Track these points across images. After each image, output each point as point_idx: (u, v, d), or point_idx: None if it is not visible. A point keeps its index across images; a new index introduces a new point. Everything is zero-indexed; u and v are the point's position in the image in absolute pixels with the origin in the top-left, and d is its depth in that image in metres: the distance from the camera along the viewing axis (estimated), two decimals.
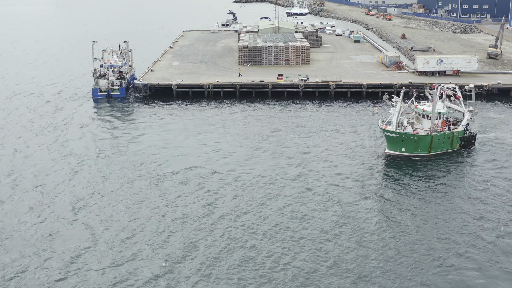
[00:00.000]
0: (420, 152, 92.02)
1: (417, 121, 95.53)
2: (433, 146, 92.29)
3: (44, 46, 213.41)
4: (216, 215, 71.17)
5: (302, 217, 70.74)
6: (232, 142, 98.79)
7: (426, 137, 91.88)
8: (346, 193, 77.75)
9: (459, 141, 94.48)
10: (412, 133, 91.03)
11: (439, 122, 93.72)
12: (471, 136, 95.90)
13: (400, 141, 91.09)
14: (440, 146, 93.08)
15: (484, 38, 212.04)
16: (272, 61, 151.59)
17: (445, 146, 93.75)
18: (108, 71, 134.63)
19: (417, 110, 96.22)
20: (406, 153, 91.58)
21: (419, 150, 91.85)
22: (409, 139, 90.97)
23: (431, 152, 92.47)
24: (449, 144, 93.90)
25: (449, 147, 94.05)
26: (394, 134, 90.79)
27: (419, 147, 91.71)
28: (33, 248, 63.61)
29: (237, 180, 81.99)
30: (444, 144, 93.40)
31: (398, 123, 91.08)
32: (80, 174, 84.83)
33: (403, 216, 71.34)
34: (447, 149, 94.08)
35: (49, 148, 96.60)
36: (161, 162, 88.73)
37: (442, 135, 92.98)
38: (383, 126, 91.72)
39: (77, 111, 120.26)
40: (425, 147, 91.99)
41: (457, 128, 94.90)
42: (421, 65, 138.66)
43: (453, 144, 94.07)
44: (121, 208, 73.52)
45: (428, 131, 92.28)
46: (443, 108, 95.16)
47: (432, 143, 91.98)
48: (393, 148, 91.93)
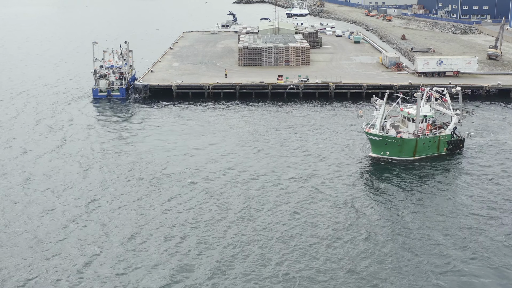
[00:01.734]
0: (405, 156, 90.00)
1: (402, 124, 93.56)
2: (418, 150, 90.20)
3: (46, 46, 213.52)
4: (215, 217, 71.23)
5: (286, 219, 70.09)
6: (232, 143, 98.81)
7: (411, 140, 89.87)
8: (320, 196, 76.61)
9: (446, 145, 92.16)
10: (396, 137, 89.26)
11: (424, 126, 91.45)
12: (459, 140, 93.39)
13: (383, 145, 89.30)
14: (425, 150, 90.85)
15: (484, 39, 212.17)
16: (272, 62, 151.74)
17: (431, 150, 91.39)
18: (109, 71, 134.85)
19: (402, 113, 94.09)
20: (390, 156, 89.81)
21: (404, 154, 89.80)
22: (393, 143, 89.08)
23: (416, 156, 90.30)
24: (436, 148, 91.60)
25: (435, 151, 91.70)
26: (377, 137, 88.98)
27: (403, 150, 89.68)
28: (37, 252, 63.61)
29: (234, 181, 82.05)
30: (430, 148, 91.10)
31: (381, 126, 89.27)
32: (79, 175, 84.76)
33: (378, 221, 70.04)
34: (434, 153, 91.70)
35: (48, 149, 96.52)
36: (162, 164, 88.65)
37: (427, 138, 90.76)
38: (366, 129, 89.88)
39: (77, 111, 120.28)
40: (409, 150, 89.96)
41: (443, 131, 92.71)
42: (421, 66, 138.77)
43: (440, 148, 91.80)
44: (122, 211, 73.31)
45: (413, 135, 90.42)
46: (430, 111, 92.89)
47: (417, 146, 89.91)
48: (377, 152, 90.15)
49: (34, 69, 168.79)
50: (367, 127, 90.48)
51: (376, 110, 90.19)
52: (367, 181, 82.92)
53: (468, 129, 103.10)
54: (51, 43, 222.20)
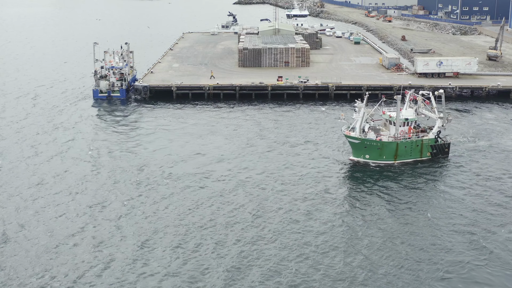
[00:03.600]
0: (385, 159, 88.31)
1: (385, 127, 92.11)
2: (400, 154, 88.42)
3: (47, 47, 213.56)
4: (214, 220, 71.34)
5: (262, 222, 69.99)
6: (231, 144, 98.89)
7: (391, 144, 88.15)
8: (296, 199, 76.27)
9: (430, 150, 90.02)
10: (374, 140, 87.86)
11: (406, 129, 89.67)
12: (444, 145, 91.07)
13: (363, 148, 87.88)
14: (407, 154, 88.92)
15: (484, 40, 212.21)
16: (272, 63, 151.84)
17: (414, 154, 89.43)
18: (109, 72, 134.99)
19: (384, 116, 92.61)
20: (370, 160, 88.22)
21: (384, 158, 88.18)
22: (372, 146, 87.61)
23: (397, 160, 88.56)
24: (418, 152, 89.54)
25: (418, 156, 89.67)
26: (356, 140, 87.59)
27: (383, 154, 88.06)
28: (49, 256, 63.66)
29: (232, 184, 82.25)
30: (412, 152, 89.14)
31: (361, 129, 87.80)
32: (79, 178, 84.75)
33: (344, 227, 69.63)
34: (416, 157, 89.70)
35: (47, 150, 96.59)
36: (162, 166, 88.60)
37: (409, 142, 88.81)
38: (346, 132, 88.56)
39: (77, 112, 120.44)
40: (390, 154, 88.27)
41: (426, 135, 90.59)
42: (421, 67, 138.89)
43: (423, 152, 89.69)
44: (126, 215, 73.33)
45: (393, 138, 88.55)
46: (413, 114, 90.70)
47: (398, 150, 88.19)
48: (357, 155, 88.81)
49: (35, 70, 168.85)
50: (347, 130, 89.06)
51: (356, 113, 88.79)
52: (342, 185, 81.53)
53: (467, 132, 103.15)
54: (52, 44, 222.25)
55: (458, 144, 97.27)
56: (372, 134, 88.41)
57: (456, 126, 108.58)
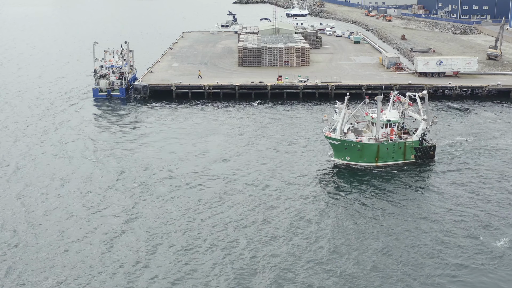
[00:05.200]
0: (366, 161, 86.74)
1: (368, 129, 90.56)
2: (381, 156, 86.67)
3: (47, 46, 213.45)
4: (210, 221, 71.36)
5: (242, 226, 69.55)
6: (231, 144, 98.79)
7: (371, 145, 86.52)
8: (272, 202, 75.64)
9: (413, 152, 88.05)
10: (354, 141, 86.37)
11: (388, 131, 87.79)
12: (429, 147, 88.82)
13: (343, 149, 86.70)
14: (389, 156, 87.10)
15: (484, 39, 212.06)
16: (272, 62, 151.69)
17: (396, 157, 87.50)
18: (109, 71, 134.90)
19: (367, 118, 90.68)
20: (351, 161, 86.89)
21: (365, 159, 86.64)
22: (352, 147, 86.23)
23: (379, 162, 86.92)
24: (401, 155, 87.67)
25: (401, 158, 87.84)
26: (336, 141, 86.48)
27: (364, 156, 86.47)
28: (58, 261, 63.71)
29: (227, 184, 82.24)
30: (394, 154, 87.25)
31: (342, 130, 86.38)
32: (79, 178, 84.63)
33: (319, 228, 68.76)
34: (399, 160, 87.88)
35: (46, 150, 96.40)
36: (162, 166, 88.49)
37: (390, 144, 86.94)
38: (327, 133, 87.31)
39: (77, 111, 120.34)
40: (371, 156, 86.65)
41: (410, 137, 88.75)
42: (421, 66, 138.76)
43: (406, 155, 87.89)
44: (129, 214, 73.34)
45: (374, 139, 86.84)
46: (396, 116, 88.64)
47: (379, 152, 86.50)
48: (338, 156, 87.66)
49: (36, 69, 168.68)
50: (328, 131, 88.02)
51: (336, 114, 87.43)
52: (320, 186, 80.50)
53: (464, 133, 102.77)
54: (53, 43, 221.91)
55: (452, 146, 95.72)
56: (352, 135, 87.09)
57: (456, 126, 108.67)
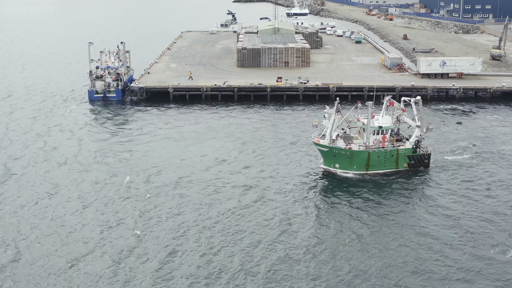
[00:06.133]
0: (356, 169, 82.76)
1: (359, 135, 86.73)
2: (372, 164, 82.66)
3: (43, 46, 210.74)
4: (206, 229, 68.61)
5: (226, 230, 67.52)
6: (229, 149, 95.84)
7: (362, 153, 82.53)
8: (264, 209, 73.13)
9: (407, 160, 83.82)
10: (343, 148, 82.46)
11: (380, 137, 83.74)
12: (423, 155, 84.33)
13: (332, 156, 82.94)
14: (381, 164, 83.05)
15: (487, 38, 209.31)
16: (272, 63, 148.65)
17: (389, 165, 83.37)
18: (105, 72, 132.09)
19: (358, 124, 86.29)
20: (340, 169, 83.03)
21: (355, 167, 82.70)
22: (341, 155, 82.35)
23: (370, 171, 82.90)
24: (394, 163, 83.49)
25: (393, 166, 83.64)
26: (325, 148, 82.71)
27: (354, 163, 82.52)
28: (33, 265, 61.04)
29: (221, 190, 79.42)
30: (386, 162, 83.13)
31: (331, 136, 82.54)
32: (74, 183, 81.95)
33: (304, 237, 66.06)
34: (392, 168, 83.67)
35: (41, 153, 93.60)
36: (158, 171, 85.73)
37: (382, 152, 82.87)
38: (315, 140, 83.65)
39: (72, 114, 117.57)
40: (361, 164, 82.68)
41: (403, 145, 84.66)
42: (424, 67, 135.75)
43: (399, 163, 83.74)
44: (118, 219, 70.74)
45: (364, 147, 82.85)
46: (389, 122, 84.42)
47: (370, 160, 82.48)
48: (328, 164, 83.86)
49: (35, 69, 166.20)
50: (317, 137, 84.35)
51: (325, 120, 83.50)
52: (307, 196, 76.90)
53: (467, 138, 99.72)
54: (52, 44, 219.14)
55: (453, 152, 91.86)
56: (341, 142, 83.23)
57: (460, 130, 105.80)
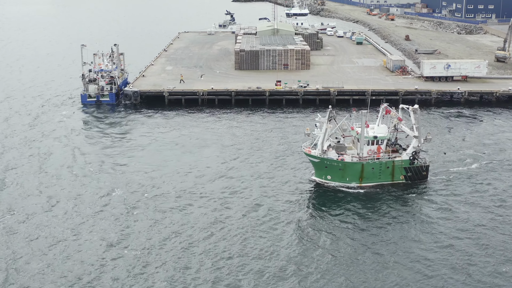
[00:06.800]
0: (349, 181, 78.15)
1: (353, 145, 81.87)
2: (366, 176, 77.95)
3: (38, 47, 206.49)
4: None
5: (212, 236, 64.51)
6: (224, 159, 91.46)
7: (355, 164, 77.72)
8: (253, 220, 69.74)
9: (403, 172, 79.12)
10: (335, 159, 77.62)
11: (375, 148, 78.82)
12: (421, 167, 79.48)
13: (323, 168, 78.39)
14: (375, 176, 78.37)
15: (491, 39, 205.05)
16: (270, 65, 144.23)
17: (384, 177, 78.60)
18: (98, 75, 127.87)
19: (352, 133, 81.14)
20: (332, 181, 78.51)
21: (347, 179, 78.10)
22: (333, 166, 77.66)
23: (363, 183, 78.25)
24: (389, 175, 78.68)
25: (389, 179, 78.82)
26: (316, 159, 78.11)
27: (346, 175, 77.89)
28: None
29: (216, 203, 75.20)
30: (381, 174, 78.37)
31: (322, 146, 77.86)
32: (64, 192, 77.82)
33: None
34: (387, 180, 78.84)
35: (32, 160, 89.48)
36: (150, 183, 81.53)
37: (376, 163, 78.03)
38: (306, 150, 79.00)
39: (64, 119, 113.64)
40: (354, 176, 78.03)
41: (399, 156, 79.63)
42: (428, 70, 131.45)
43: (395, 175, 78.86)
44: (107, 232, 66.64)
45: (358, 158, 78.03)
46: (386, 131, 79.59)
47: (364, 172, 77.79)
48: (319, 175, 79.40)
49: (28, 71, 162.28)
50: (308, 147, 79.59)
51: (317, 129, 78.69)
52: (297, 209, 72.61)
53: (471, 146, 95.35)
54: (47, 45, 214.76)
55: (456, 162, 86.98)
56: (333, 153, 78.43)
57: (466, 137, 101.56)
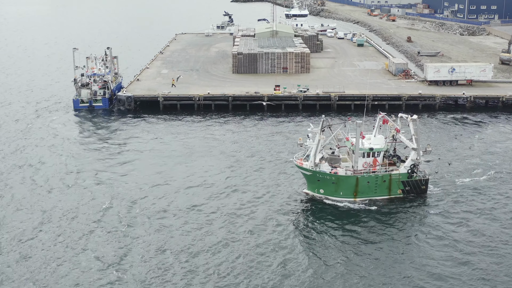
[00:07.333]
0: (343, 196, 73.71)
1: (349, 156, 77.41)
2: (360, 190, 73.58)
3: (28, 51, 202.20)
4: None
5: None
6: (219, 169, 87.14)
7: (349, 178, 73.32)
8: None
9: (401, 186, 74.71)
10: (328, 173, 73.11)
11: (370, 160, 74.05)
12: (420, 181, 75.00)
13: (316, 181, 74.11)
14: (371, 190, 73.94)
15: (494, 41, 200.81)
16: (269, 69, 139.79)
17: (380, 192, 74.18)
18: (91, 80, 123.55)
19: (347, 144, 76.72)
20: (325, 195, 74.35)
21: (341, 194, 73.72)
22: (326, 179, 73.31)
23: (358, 197, 73.84)
24: (386, 189, 74.29)
25: (385, 193, 74.43)
26: (308, 172, 73.76)
27: (340, 189, 73.61)
28: None
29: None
30: (377, 188, 73.94)
31: (314, 158, 73.46)
32: (53, 204, 73.50)
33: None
34: (384, 195, 74.43)
35: (24, 174, 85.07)
36: (143, 195, 77.29)
37: (372, 177, 73.58)
38: (297, 162, 74.65)
39: (55, 125, 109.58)
40: (348, 190, 73.61)
41: (397, 169, 74.93)
42: (432, 73, 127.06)
43: (392, 189, 74.46)
44: (102, 251, 62.38)
45: (352, 171, 73.54)
46: (383, 143, 75.18)
47: (358, 186, 73.39)
48: (311, 188, 75.15)
49: (21, 75, 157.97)
50: (300, 159, 75.05)
51: (309, 140, 74.28)
52: (286, 224, 68.52)
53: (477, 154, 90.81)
54: (39, 47, 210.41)
55: (462, 173, 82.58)
56: (326, 165, 73.79)
57: (472, 145, 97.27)
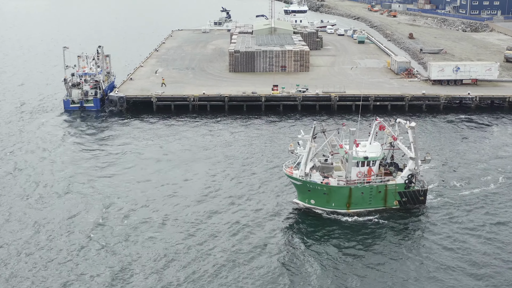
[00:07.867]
0: (335, 207, 69.48)
1: (342, 165, 72.77)
2: (354, 202, 69.26)
3: (19, 49, 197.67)
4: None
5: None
6: (214, 174, 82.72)
7: (341, 189, 68.84)
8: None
9: (397, 197, 70.24)
10: (319, 183, 68.74)
11: (365, 170, 69.79)
12: (418, 192, 70.49)
13: (306, 191, 69.86)
14: (365, 202, 69.59)
15: (498, 37, 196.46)
16: (267, 67, 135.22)
17: (375, 203, 69.78)
18: (81, 80, 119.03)
19: (340, 151, 72.15)
20: (316, 206, 70.08)
21: (333, 205, 69.46)
22: (317, 190, 69.04)
23: (351, 209, 69.46)
24: (382, 200, 69.90)
25: (381, 204, 70.01)
26: (298, 181, 69.60)
27: (332, 200, 69.29)
28: None
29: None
30: (372, 199, 69.60)
31: (305, 167, 69.08)
32: (42, 212, 69.09)
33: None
34: (379, 206, 70.03)
35: (12, 181, 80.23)
36: (134, 204, 72.72)
37: (367, 187, 69.15)
38: (287, 170, 70.37)
39: (45, 127, 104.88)
40: (341, 201, 69.34)
41: (393, 179, 70.52)
42: (435, 73, 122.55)
43: (388, 200, 70.08)
44: (92, 267, 58.01)
45: (345, 181, 69.15)
46: (379, 151, 70.96)
47: (352, 197, 69.07)
48: (302, 198, 70.91)
49: (11, 74, 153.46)
50: (290, 167, 70.60)
51: (300, 147, 69.48)
52: (275, 237, 64.11)
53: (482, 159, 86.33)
54: (35, 44, 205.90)
55: (467, 180, 77.77)
56: (317, 175, 69.23)
57: (480, 149, 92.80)
